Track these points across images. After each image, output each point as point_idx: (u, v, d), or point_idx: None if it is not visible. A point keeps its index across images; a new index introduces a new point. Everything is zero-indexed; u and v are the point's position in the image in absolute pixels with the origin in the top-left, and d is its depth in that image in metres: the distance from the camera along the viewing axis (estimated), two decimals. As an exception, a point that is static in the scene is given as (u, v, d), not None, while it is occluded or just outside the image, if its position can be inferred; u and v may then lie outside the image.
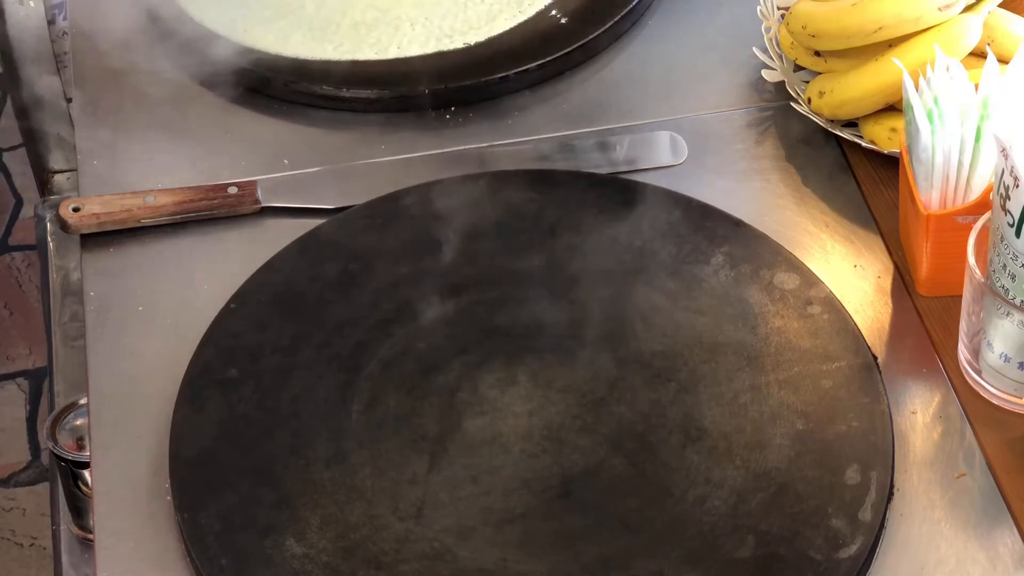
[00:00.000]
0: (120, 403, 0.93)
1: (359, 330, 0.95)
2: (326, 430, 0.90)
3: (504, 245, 1.00)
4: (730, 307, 0.96)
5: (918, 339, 0.96)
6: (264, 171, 1.07)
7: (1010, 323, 0.88)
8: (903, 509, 0.88)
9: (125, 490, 0.89)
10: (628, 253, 0.99)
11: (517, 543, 0.85)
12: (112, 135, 1.10)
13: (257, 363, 0.93)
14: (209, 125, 1.11)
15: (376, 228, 1.01)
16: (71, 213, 1.02)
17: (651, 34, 1.18)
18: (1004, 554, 0.86)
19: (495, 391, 0.92)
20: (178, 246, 1.02)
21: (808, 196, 1.05)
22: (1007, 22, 1.04)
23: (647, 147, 1.08)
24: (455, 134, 1.10)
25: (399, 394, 0.92)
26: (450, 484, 0.88)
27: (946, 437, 0.91)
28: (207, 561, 0.84)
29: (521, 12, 1.18)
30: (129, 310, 0.98)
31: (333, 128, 1.11)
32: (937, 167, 0.94)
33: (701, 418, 0.90)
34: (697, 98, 1.13)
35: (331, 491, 0.87)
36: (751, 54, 1.12)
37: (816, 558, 0.84)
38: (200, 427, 0.90)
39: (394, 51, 1.15)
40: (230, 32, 1.16)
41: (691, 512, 0.86)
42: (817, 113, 1.06)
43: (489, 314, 0.96)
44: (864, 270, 1.00)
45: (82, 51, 1.17)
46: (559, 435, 0.90)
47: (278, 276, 0.98)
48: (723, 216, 1.01)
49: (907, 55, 1.01)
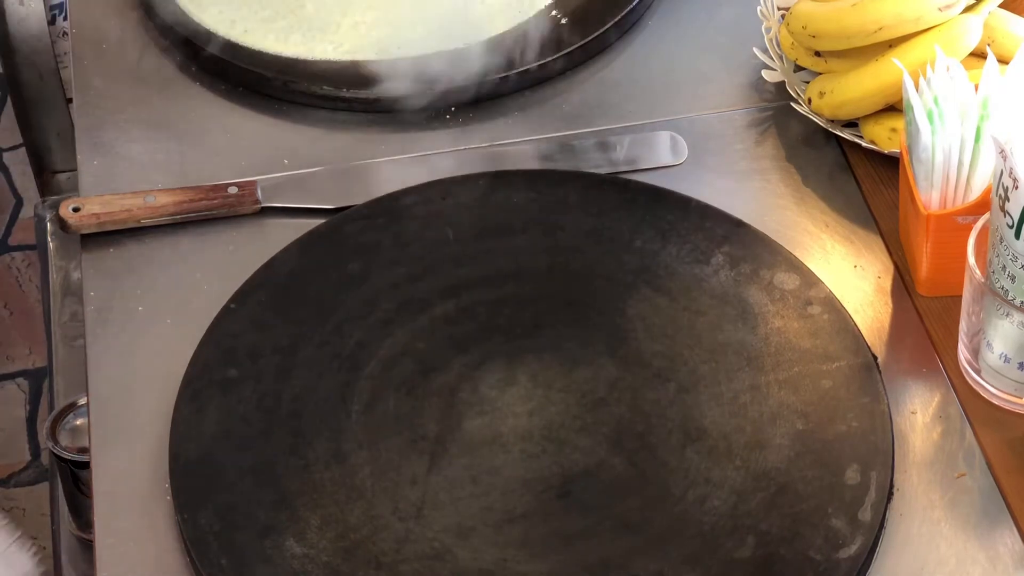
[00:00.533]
0: (120, 403, 0.93)
1: (359, 330, 0.95)
2: (326, 430, 0.90)
3: (504, 245, 1.00)
4: (730, 307, 0.96)
5: (918, 339, 0.96)
6: (264, 171, 1.07)
7: (1010, 323, 0.88)
8: (903, 509, 0.88)
9: (125, 490, 0.89)
10: (628, 253, 0.99)
11: (517, 543, 0.85)
12: (112, 135, 1.10)
13: (257, 363, 0.93)
14: (209, 125, 1.11)
15: (376, 228, 1.01)
16: (71, 213, 1.01)
17: (651, 34, 1.18)
18: (1004, 554, 0.86)
19: (495, 391, 0.92)
20: (178, 246, 1.02)
21: (808, 196, 1.05)
22: (1007, 22, 1.04)
23: (647, 147, 1.08)
24: (455, 134, 1.10)
25: (399, 394, 0.92)
26: (450, 484, 0.88)
27: (946, 437, 0.91)
28: (207, 561, 0.84)
29: (521, 12, 1.18)
30: (129, 310, 0.98)
31: (333, 128, 1.11)
32: (937, 167, 0.94)
33: (701, 418, 0.90)
34: (697, 98, 1.13)
35: (331, 491, 0.87)
36: (751, 54, 1.12)
37: (816, 558, 0.84)
38: (200, 427, 0.90)
39: (394, 51, 1.15)
40: (230, 32, 1.16)
41: (691, 512, 0.86)
42: (817, 113, 1.06)
43: (489, 314, 0.96)
44: (864, 270, 1.00)
45: (82, 51, 1.17)
46: (559, 435, 0.90)
47: (278, 276, 0.98)
48: (723, 216, 1.01)
49: (907, 55, 1.01)
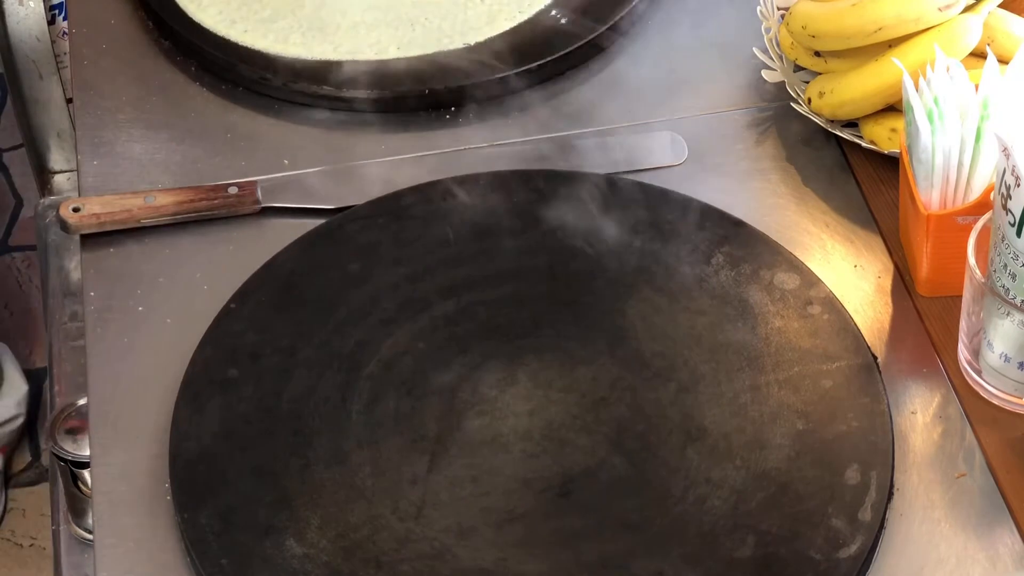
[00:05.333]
0: (120, 403, 0.93)
1: (359, 330, 0.95)
2: (326, 430, 0.90)
3: (504, 245, 1.00)
4: (730, 307, 0.96)
5: (918, 339, 0.96)
6: (264, 171, 1.07)
7: (1010, 323, 0.88)
8: (903, 509, 0.88)
9: (125, 490, 0.89)
10: (628, 253, 0.99)
11: (517, 543, 0.85)
12: (112, 135, 1.10)
13: (257, 363, 0.93)
14: (209, 125, 1.11)
15: (376, 228, 1.01)
16: (71, 213, 1.01)
17: (651, 34, 1.18)
18: (1004, 554, 0.86)
19: (495, 391, 0.92)
20: (178, 246, 1.02)
21: (808, 196, 1.05)
22: (1007, 22, 1.04)
23: (647, 147, 1.08)
24: (455, 134, 1.10)
25: (399, 394, 0.92)
26: (450, 484, 0.88)
27: (946, 437, 0.91)
28: (207, 561, 0.84)
29: (521, 12, 1.18)
30: (129, 310, 0.98)
31: (333, 128, 1.11)
32: (937, 167, 0.94)
33: (701, 418, 0.90)
34: (697, 98, 1.13)
35: (331, 491, 0.87)
36: (751, 54, 1.12)
37: (816, 558, 0.84)
38: (200, 427, 0.90)
39: (394, 51, 1.15)
40: (230, 32, 1.16)
41: (691, 512, 0.86)
42: (817, 113, 1.06)
43: (489, 314, 0.96)
44: (864, 270, 1.00)
45: (82, 51, 1.17)
46: (559, 435, 0.90)
47: (278, 276, 0.98)
48: (723, 216, 1.01)
49: (907, 55, 1.01)
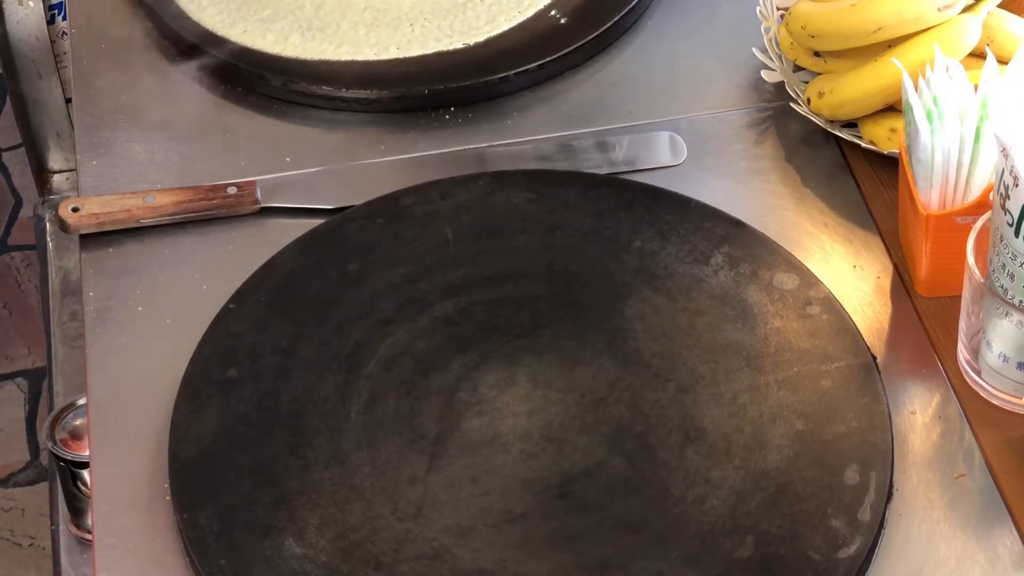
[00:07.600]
0: (120, 403, 0.93)
1: (358, 330, 0.95)
2: (326, 430, 0.90)
3: (503, 245, 1.00)
4: (729, 307, 0.96)
5: (917, 339, 0.96)
6: (264, 171, 1.07)
7: (1009, 323, 0.88)
8: (902, 509, 0.88)
9: (125, 490, 0.89)
10: (627, 253, 0.99)
11: (517, 543, 0.85)
12: (111, 135, 1.10)
13: (257, 363, 0.93)
14: (209, 125, 1.11)
15: (376, 228, 1.01)
16: (71, 213, 1.01)
17: (651, 34, 1.18)
18: (1003, 554, 0.86)
19: (495, 391, 0.92)
20: (178, 246, 1.02)
21: (808, 196, 1.05)
22: (1007, 22, 1.04)
23: (647, 147, 1.08)
24: (455, 134, 1.10)
25: (399, 394, 0.92)
26: (450, 484, 0.88)
27: (945, 437, 0.91)
28: (207, 561, 0.84)
29: (521, 12, 1.18)
30: (129, 310, 0.98)
31: (333, 128, 1.11)
32: (937, 167, 0.94)
33: (700, 418, 0.90)
34: (697, 98, 1.13)
35: (331, 491, 0.87)
36: (751, 54, 1.12)
37: (815, 558, 0.84)
38: (200, 427, 0.90)
39: (394, 51, 1.15)
40: (229, 32, 1.16)
41: (691, 512, 0.86)
42: (817, 113, 1.06)
43: (488, 314, 0.96)
44: (863, 270, 1.00)
45: (82, 51, 1.17)
46: (559, 435, 0.90)
47: (278, 276, 0.98)
48: (723, 216, 1.01)
49: (907, 55, 1.01)
